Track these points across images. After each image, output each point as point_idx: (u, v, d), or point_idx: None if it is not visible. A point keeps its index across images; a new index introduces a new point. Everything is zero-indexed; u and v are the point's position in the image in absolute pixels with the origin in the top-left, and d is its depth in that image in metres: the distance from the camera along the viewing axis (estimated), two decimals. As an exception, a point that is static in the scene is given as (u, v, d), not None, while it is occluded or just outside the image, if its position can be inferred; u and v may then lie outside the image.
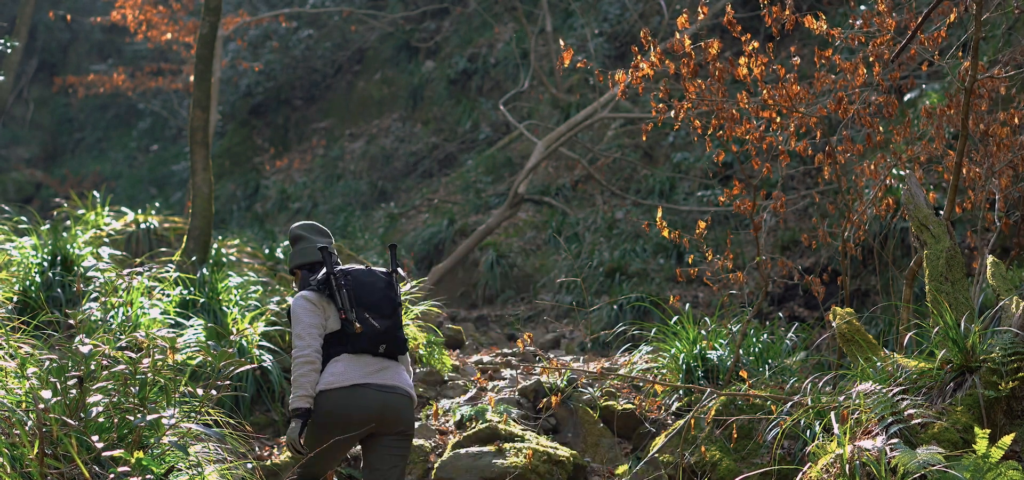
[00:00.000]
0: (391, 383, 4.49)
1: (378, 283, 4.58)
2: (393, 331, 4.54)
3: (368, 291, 4.53)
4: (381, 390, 4.46)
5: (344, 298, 4.46)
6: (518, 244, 12.53)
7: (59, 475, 3.48)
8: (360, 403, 4.39)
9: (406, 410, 4.54)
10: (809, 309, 9.03)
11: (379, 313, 4.52)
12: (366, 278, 4.56)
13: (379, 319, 4.51)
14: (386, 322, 4.52)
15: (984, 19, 7.43)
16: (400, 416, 4.51)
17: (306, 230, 4.78)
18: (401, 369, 4.58)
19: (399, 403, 4.50)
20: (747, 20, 12.75)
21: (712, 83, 5.93)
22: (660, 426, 6.19)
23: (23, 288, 6.43)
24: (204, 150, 7.64)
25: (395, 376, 4.53)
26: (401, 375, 4.56)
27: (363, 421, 4.42)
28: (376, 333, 4.48)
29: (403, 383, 4.55)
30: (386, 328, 4.51)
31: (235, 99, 20.03)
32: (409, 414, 4.56)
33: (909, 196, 5.39)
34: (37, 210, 13.24)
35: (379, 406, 4.44)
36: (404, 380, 4.56)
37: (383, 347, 4.51)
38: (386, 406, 4.46)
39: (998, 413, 4.15)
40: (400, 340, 4.57)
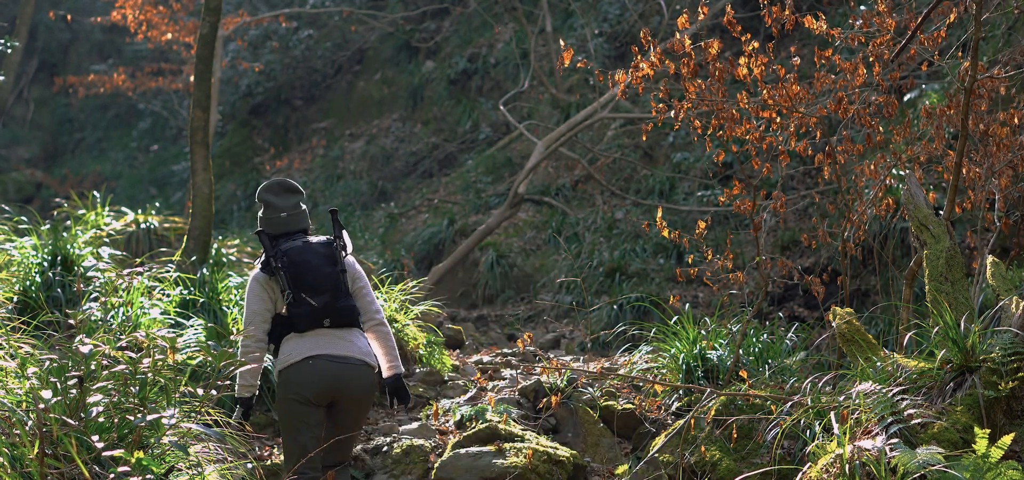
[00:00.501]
0: (343, 353, 4.57)
1: (313, 260, 4.61)
2: (333, 304, 4.59)
3: (304, 270, 4.58)
4: (333, 360, 4.54)
5: (283, 281, 4.56)
6: (518, 244, 12.53)
7: (59, 475, 3.48)
8: (314, 375, 4.49)
9: (363, 378, 4.61)
10: (809, 309, 9.04)
11: (315, 291, 4.57)
12: (302, 257, 4.59)
13: (316, 296, 4.57)
14: (324, 298, 4.58)
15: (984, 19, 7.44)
16: (357, 385, 4.59)
17: (272, 193, 4.77)
18: (353, 337, 4.64)
19: (355, 372, 4.58)
20: (747, 20, 12.75)
21: (712, 83, 5.94)
22: (660, 426, 6.19)
23: (23, 288, 6.43)
24: (204, 150, 7.64)
25: (346, 346, 4.59)
26: (354, 344, 4.62)
27: (321, 392, 4.52)
28: (314, 311, 4.56)
29: (356, 352, 4.60)
30: (324, 304, 4.58)
31: (235, 99, 20.04)
32: (365, 381, 4.63)
33: (909, 196, 5.39)
34: (37, 210, 13.25)
35: (332, 376, 4.53)
36: (357, 349, 4.62)
37: (326, 322, 4.58)
38: (339, 376, 4.54)
39: (998, 413, 4.15)
40: (343, 310, 4.62)
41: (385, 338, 4.80)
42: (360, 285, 4.78)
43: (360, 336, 4.72)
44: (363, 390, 4.65)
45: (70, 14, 21.86)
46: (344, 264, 4.69)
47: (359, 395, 4.64)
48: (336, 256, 4.68)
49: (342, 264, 4.68)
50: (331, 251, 4.68)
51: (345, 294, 4.67)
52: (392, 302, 7.75)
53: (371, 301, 4.80)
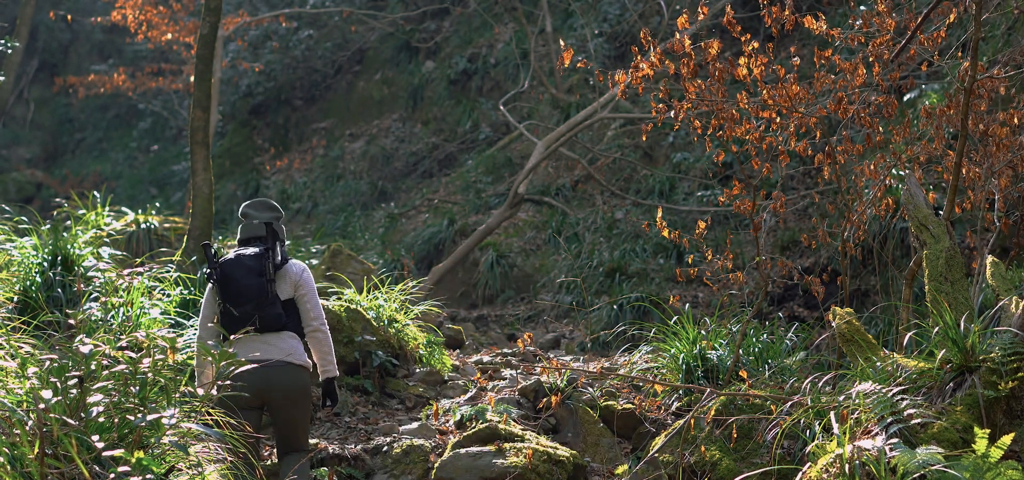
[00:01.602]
0: (267, 356, 4.88)
1: (238, 273, 4.95)
2: (253, 313, 4.91)
3: (230, 283, 4.94)
4: (259, 363, 4.81)
5: (218, 292, 4.96)
6: (518, 244, 12.53)
7: (59, 475, 3.48)
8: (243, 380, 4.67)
9: (286, 376, 4.91)
10: (809, 309, 9.04)
11: (237, 302, 4.92)
12: (231, 270, 4.96)
13: (238, 307, 4.91)
14: (245, 308, 4.91)
15: (983, 19, 7.44)
16: (281, 382, 4.90)
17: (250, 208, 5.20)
18: (277, 341, 4.94)
19: (278, 372, 4.88)
20: (747, 20, 12.75)
21: (712, 83, 5.94)
22: (660, 426, 6.19)
23: (24, 288, 6.43)
24: (204, 150, 7.65)
25: (271, 349, 4.91)
26: (280, 347, 4.93)
27: (253, 395, 4.81)
28: (235, 321, 4.89)
29: (278, 353, 4.91)
30: (243, 314, 4.90)
31: (235, 99, 20.04)
32: (290, 378, 4.92)
33: (909, 196, 5.39)
34: (38, 210, 13.24)
35: (260, 379, 4.79)
36: (281, 349, 4.93)
37: (250, 329, 4.88)
38: (266, 377, 4.83)
39: (998, 413, 4.15)
40: (266, 318, 4.93)
41: (319, 344, 5.08)
42: (303, 292, 5.08)
43: (290, 340, 5.00)
44: (289, 387, 4.92)
45: (70, 14, 21.86)
46: (270, 274, 4.97)
47: (286, 393, 4.92)
48: (263, 268, 4.97)
49: (268, 275, 4.97)
50: (259, 263, 4.98)
51: (271, 302, 4.96)
52: (392, 302, 7.76)
53: (310, 308, 5.07)
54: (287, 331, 5.01)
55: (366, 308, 7.50)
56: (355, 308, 7.26)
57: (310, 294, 5.09)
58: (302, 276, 5.09)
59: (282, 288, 5.05)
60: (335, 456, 5.87)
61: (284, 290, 5.06)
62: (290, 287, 5.07)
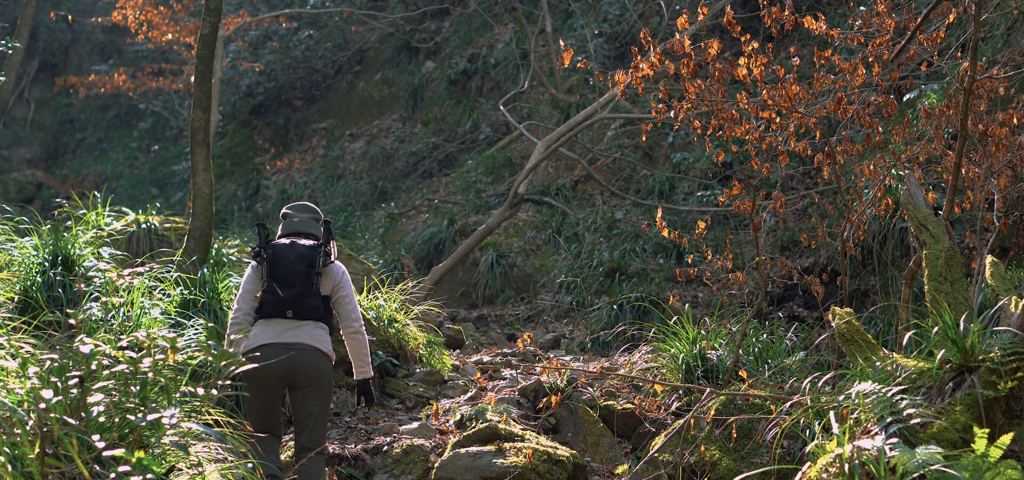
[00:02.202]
0: (295, 341, 5.07)
1: (289, 257, 5.17)
2: (298, 298, 5.12)
3: (280, 264, 5.15)
4: (287, 347, 5.04)
5: (264, 270, 5.17)
6: (518, 244, 12.53)
7: (60, 475, 3.49)
8: (267, 359, 4.96)
9: (311, 363, 5.08)
10: (808, 309, 9.04)
11: (285, 283, 5.12)
12: (283, 252, 5.18)
13: (285, 289, 5.12)
14: (291, 291, 5.12)
15: (983, 19, 7.44)
16: (306, 368, 5.07)
17: (292, 208, 5.46)
18: (310, 329, 5.13)
19: (303, 358, 5.06)
20: (747, 20, 12.76)
21: (712, 83, 5.94)
22: (660, 426, 6.20)
23: (24, 288, 6.43)
24: (205, 150, 7.65)
25: (300, 334, 5.10)
26: (307, 334, 5.12)
27: (273, 375, 4.99)
28: (280, 300, 5.11)
29: (308, 340, 5.10)
30: (290, 296, 5.12)
31: (236, 99, 20.05)
32: (315, 366, 5.10)
33: (908, 196, 5.40)
34: (38, 210, 13.24)
35: (284, 361, 5.00)
36: (310, 337, 5.12)
37: (290, 312, 5.12)
38: (290, 361, 5.02)
39: (997, 413, 4.15)
40: (305, 306, 5.14)
41: (357, 345, 5.28)
42: (343, 294, 5.28)
43: (320, 330, 5.18)
44: (311, 370, 5.09)
45: (71, 15, 21.87)
46: (320, 268, 5.18)
47: (310, 379, 5.09)
48: (314, 260, 5.18)
49: (318, 268, 5.18)
50: (312, 253, 5.19)
51: (314, 293, 5.17)
52: (392, 302, 7.76)
53: (350, 309, 5.28)
54: (320, 323, 5.20)
55: (366, 308, 7.51)
56: (355, 308, 7.26)
57: (350, 296, 5.29)
58: (343, 278, 5.31)
59: (324, 284, 5.26)
60: (335, 456, 5.88)
61: (325, 286, 5.26)
62: (330, 286, 5.27)
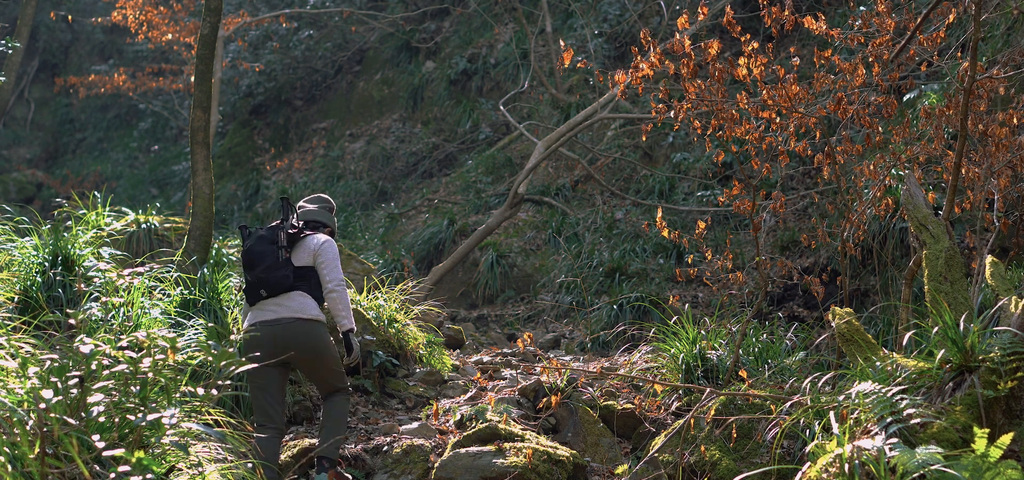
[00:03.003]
0: (275, 316, 5.42)
1: (256, 243, 5.56)
2: (264, 276, 5.45)
3: (249, 254, 5.54)
4: (269, 324, 5.40)
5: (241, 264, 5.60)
6: (518, 244, 12.53)
7: (60, 475, 3.49)
8: (255, 339, 5.36)
9: (296, 329, 5.40)
10: (808, 309, 9.04)
11: (249, 267, 5.51)
12: (250, 244, 5.58)
13: (251, 272, 5.50)
14: (256, 272, 5.47)
15: (983, 19, 7.44)
16: (292, 336, 5.39)
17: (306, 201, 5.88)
18: (287, 300, 5.45)
19: (290, 328, 5.40)
20: (747, 20, 12.76)
21: (712, 83, 5.94)
22: (660, 426, 6.20)
23: (24, 288, 6.43)
24: (205, 150, 7.65)
25: (279, 309, 5.43)
26: (285, 306, 5.43)
27: (266, 353, 5.28)
28: (251, 284, 5.50)
29: (290, 312, 5.42)
30: (256, 278, 5.47)
31: (236, 99, 20.05)
32: (301, 332, 5.41)
33: (908, 196, 5.40)
34: (38, 210, 13.24)
35: (270, 337, 5.36)
36: (292, 309, 5.43)
37: (263, 291, 5.46)
38: (275, 335, 5.37)
39: (997, 412, 4.15)
40: (274, 281, 5.46)
41: (334, 303, 5.56)
42: (321, 260, 5.58)
43: (299, 298, 5.48)
44: (304, 340, 5.41)
45: (71, 15, 21.87)
46: (282, 241, 5.52)
47: (304, 346, 5.42)
48: (275, 237, 5.54)
49: (280, 242, 5.52)
50: (272, 233, 5.56)
51: (281, 265, 5.48)
52: (392, 302, 7.76)
53: (327, 273, 5.56)
54: (298, 291, 5.49)
55: (366, 308, 7.51)
56: (355, 308, 7.27)
57: (327, 262, 5.57)
58: (322, 246, 5.60)
59: (298, 256, 5.57)
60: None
61: (301, 258, 5.57)
62: (309, 256, 5.58)
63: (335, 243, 5.72)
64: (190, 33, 17.06)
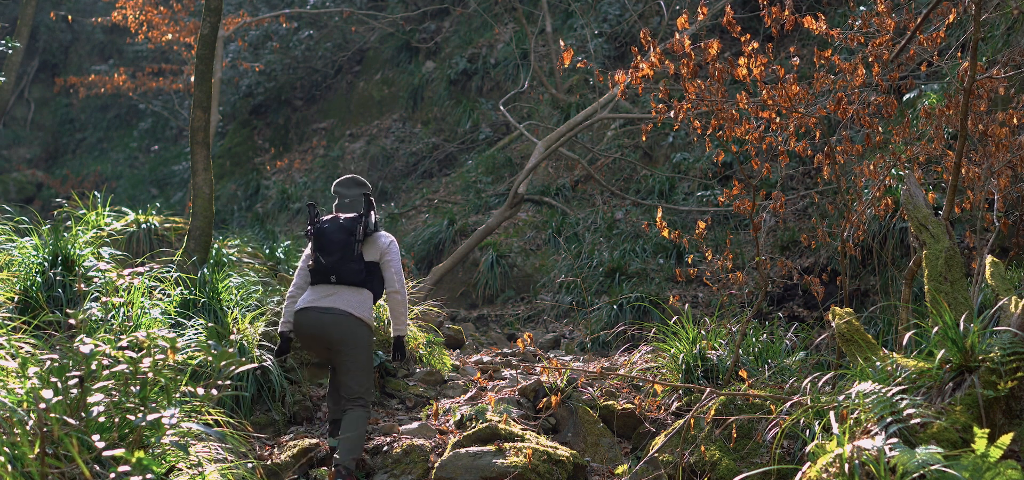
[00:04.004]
0: (331, 305, 5.72)
1: (332, 229, 5.83)
2: (338, 264, 5.76)
3: (325, 237, 5.82)
4: (322, 311, 5.71)
5: (312, 244, 5.86)
6: (518, 244, 12.53)
7: (60, 475, 3.49)
8: (306, 321, 5.73)
9: (344, 327, 5.69)
10: (808, 309, 9.04)
11: (327, 253, 5.78)
12: (327, 227, 5.85)
13: (326, 257, 5.77)
14: (332, 258, 5.76)
15: (983, 19, 7.44)
16: (338, 329, 5.69)
17: (340, 186, 6.08)
18: (347, 294, 5.76)
19: (335, 319, 5.70)
20: (747, 20, 12.76)
21: (712, 83, 5.94)
22: (660, 426, 6.19)
23: (24, 288, 6.44)
24: (205, 150, 7.65)
25: (337, 300, 5.74)
26: (344, 300, 5.74)
27: (312, 334, 5.74)
28: (323, 267, 5.78)
29: (342, 305, 5.73)
30: (331, 264, 5.76)
31: (236, 99, 20.05)
32: (347, 329, 5.70)
33: (908, 196, 5.40)
34: (38, 210, 13.24)
35: (319, 323, 5.71)
36: (345, 302, 5.74)
37: (333, 277, 5.77)
38: (323, 323, 5.70)
39: (997, 413, 4.15)
40: (346, 271, 5.77)
41: (394, 305, 5.89)
42: (388, 259, 5.88)
43: (358, 294, 5.79)
44: (343, 334, 5.69)
45: (71, 15, 21.88)
46: (359, 236, 5.79)
47: (344, 339, 5.69)
48: (354, 229, 5.81)
49: (358, 236, 5.79)
50: (352, 224, 5.83)
51: (356, 259, 5.78)
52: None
53: (392, 274, 5.87)
54: (363, 288, 5.82)
55: (366, 308, 7.50)
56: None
57: (393, 262, 5.89)
58: (390, 246, 5.92)
59: (369, 251, 5.87)
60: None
61: (370, 253, 5.87)
62: (377, 252, 5.88)
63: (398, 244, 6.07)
64: (190, 33, 17.06)
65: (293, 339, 6.00)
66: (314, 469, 5.69)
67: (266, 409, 6.31)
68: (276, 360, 6.31)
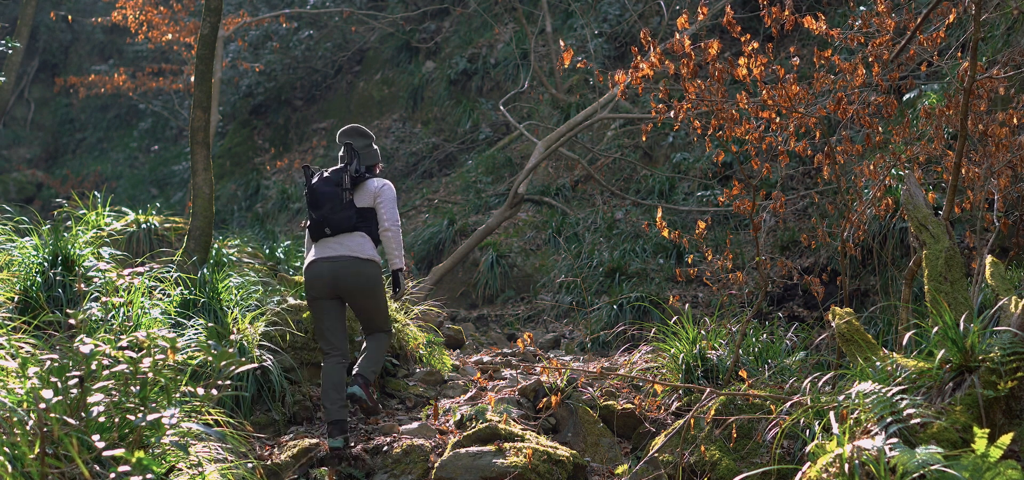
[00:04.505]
0: (335, 253, 5.93)
1: (319, 184, 6.04)
2: (329, 215, 5.96)
3: (315, 194, 6.03)
4: (329, 260, 5.92)
5: (306, 203, 6.10)
6: (518, 244, 12.53)
7: (60, 475, 3.49)
8: (314, 273, 5.94)
9: (352, 269, 5.90)
10: (808, 309, 9.04)
11: (317, 207, 6.00)
12: (317, 185, 6.06)
13: (317, 211, 5.99)
14: (322, 211, 5.97)
15: (983, 19, 7.44)
16: (345, 273, 5.91)
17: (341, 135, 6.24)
18: (346, 240, 5.95)
19: (341, 265, 5.91)
20: (747, 20, 12.76)
21: (712, 83, 5.94)
22: (660, 426, 6.19)
23: (24, 288, 6.43)
24: (205, 150, 7.65)
25: (338, 247, 5.94)
26: (345, 245, 5.94)
27: (322, 286, 5.93)
28: (316, 222, 6.00)
29: (345, 250, 5.93)
30: (322, 217, 5.97)
31: (236, 99, 20.05)
32: (354, 270, 5.91)
33: (908, 196, 5.40)
34: (38, 210, 13.24)
35: (329, 272, 5.91)
36: (347, 248, 5.93)
37: (327, 229, 5.96)
38: (334, 271, 5.91)
39: (997, 412, 4.15)
40: (337, 220, 5.96)
41: (388, 241, 6.06)
42: (380, 200, 6.08)
43: (360, 238, 5.98)
44: (356, 278, 5.91)
45: (71, 15, 21.88)
46: (346, 184, 5.99)
47: (355, 284, 5.91)
48: (341, 180, 6.01)
49: (345, 185, 5.99)
50: (338, 176, 6.03)
51: (345, 207, 5.97)
52: (392, 302, 7.76)
53: (383, 214, 6.05)
54: (359, 232, 6.00)
55: (366, 308, 7.50)
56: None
57: (385, 203, 6.07)
58: (382, 189, 6.10)
59: (360, 197, 6.07)
60: (335, 456, 5.87)
61: (363, 199, 6.07)
62: (370, 197, 6.08)
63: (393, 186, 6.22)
64: (190, 33, 17.06)
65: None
66: (314, 469, 5.69)
67: (266, 409, 6.31)
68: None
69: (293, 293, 7.67)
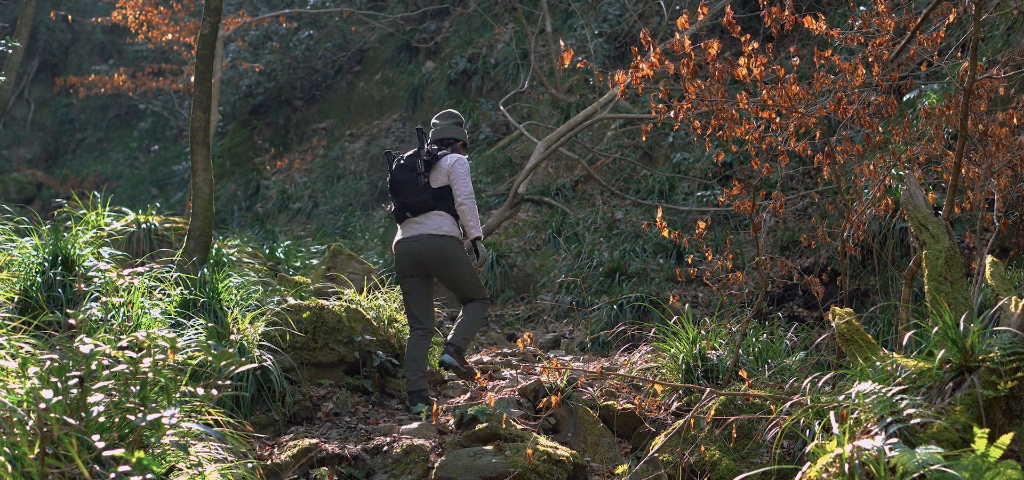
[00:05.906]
0: (416, 233, 6.45)
1: (398, 172, 6.53)
2: (408, 199, 6.46)
3: (395, 181, 6.55)
4: (410, 240, 6.45)
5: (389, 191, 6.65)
6: (518, 244, 12.53)
7: (60, 475, 3.49)
8: (399, 252, 6.50)
9: (433, 247, 6.41)
10: (808, 309, 9.04)
11: (397, 193, 6.53)
12: (395, 172, 6.56)
13: (395, 198, 6.54)
14: (400, 197, 6.49)
15: (983, 19, 7.44)
16: (429, 253, 6.43)
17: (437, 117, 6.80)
18: (426, 220, 6.43)
19: (424, 245, 6.42)
20: (747, 20, 12.76)
21: (712, 83, 5.94)
22: (660, 426, 6.19)
23: (24, 288, 6.43)
24: (205, 150, 7.65)
25: (419, 227, 6.44)
26: (425, 225, 6.42)
27: (406, 264, 6.48)
28: (399, 207, 6.52)
29: (428, 230, 6.42)
30: (400, 203, 6.50)
31: (236, 99, 20.05)
32: (437, 249, 6.42)
33: (908, 196, 5.40)
34: (38, 210, 13.24)
35: (413, 252, 6.44)
36: (429, 227, 6.42)
37: (408, 212, 6.48)
38: (416, 251, 6.43)
39: (997, 412, 4.15)
40: (414, 203, 6.44)
41: (464, 214, 6.49)
42: (454, 176, 6.50)
43: (437, 217, 6.45)
44: (437, 254, 6.42)
45: (71, 15, 21.89)
46: (421, 168, 6.45)
47: (437, 259, 6.43)
48: (414, 164, 6.48)
49: (419, 169, 6.45)
50: (411, 161, 6.53)
51: (421, 190, 6.44)
52: (392, 302, 7.76)
53: (458, 190, 6.48)
54: (436, 211, 6.45)
55: (366, 308, 7.51)
56: (355, 308, 7.26)
57: (458, 179, 6.47)
58: (454, 165, 6.51)
59: (436, 178, 6.50)
60: (335, 456, 5.87)
61: (438, 179, 6.50)
62: (444, 176, 6.50)
63: (466, 160, 6.57)
64: (190, 33, 17.07)
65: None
66: (314, 469, 5.69)
67: (266, 409, 6.31)
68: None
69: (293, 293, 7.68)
